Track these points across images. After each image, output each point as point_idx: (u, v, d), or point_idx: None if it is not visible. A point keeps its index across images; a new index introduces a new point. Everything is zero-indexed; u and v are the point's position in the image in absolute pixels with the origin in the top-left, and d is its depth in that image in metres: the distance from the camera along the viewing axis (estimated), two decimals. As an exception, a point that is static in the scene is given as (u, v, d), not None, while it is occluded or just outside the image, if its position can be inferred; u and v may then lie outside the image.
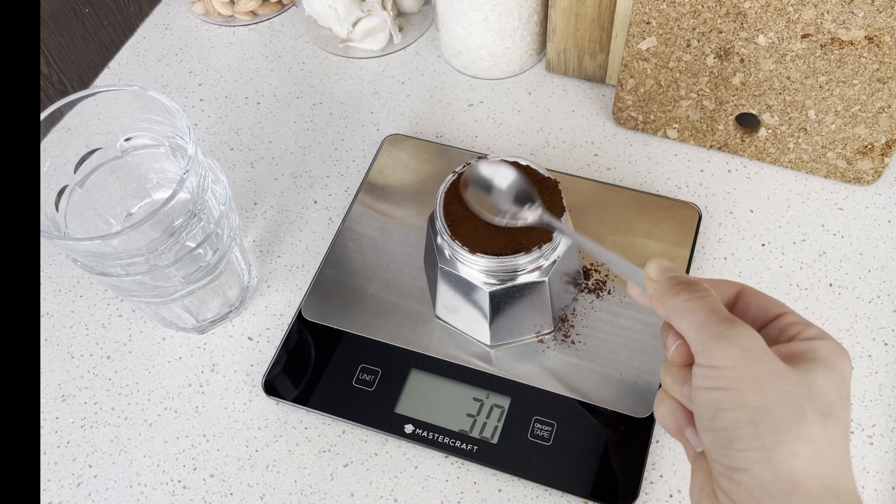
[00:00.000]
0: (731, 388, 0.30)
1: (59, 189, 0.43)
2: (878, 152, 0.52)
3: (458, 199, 0.44)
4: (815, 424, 0.29)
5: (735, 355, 0.30)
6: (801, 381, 0.29)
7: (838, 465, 0.29)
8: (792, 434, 0.28)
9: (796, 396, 0.29)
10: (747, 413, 0.29)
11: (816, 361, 0.30)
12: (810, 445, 0.28)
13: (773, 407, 0.29)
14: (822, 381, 0.30)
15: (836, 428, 0.29)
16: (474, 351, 0.47)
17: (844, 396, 0.30)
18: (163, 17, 0.70)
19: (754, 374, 0.29)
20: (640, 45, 0.52)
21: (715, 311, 0.31)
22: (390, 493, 0.44)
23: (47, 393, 0.49)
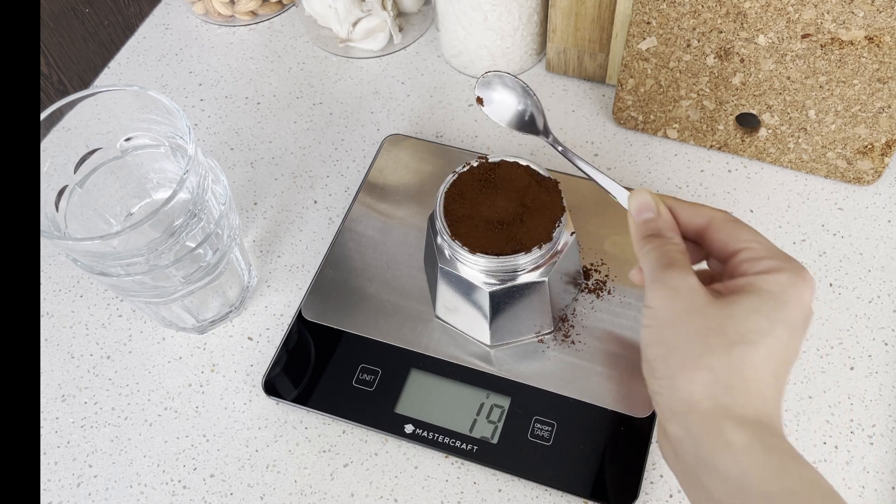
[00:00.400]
0: (655, 326, 0.35)
1: (59, 189, 0.43)
2: (878, 152, 0.52)
3: (459, 199, 0.44)
4: (717, 354, 0.32)
5: (662, 295, 0.35)
6: (717, 313, 0.33)
7: (740, 386, 0.32)
8: (692, 364, 0.33)
9: (705, 330, 0.33)
10: (662, 348, 0.34)
11: (750, 293, 0.34)
12: (709, 373, 0.32)
13: (682, 341, 0.33)
14: (746, 312, 0.33)
15: (747, 355, 0.32)
16: (474, 351, 0.47)
17: (779, 324, 0.33)
18: (163, 17, 0.70)
19: (673, 313, 0.34)
20: (640, 45, 0.52)
21: (662, 257, 0.36)
22: (390, 493, 0.44)
23: (47, 393, 0.49)
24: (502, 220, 0.43)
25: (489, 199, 0.44)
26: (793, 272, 0.34)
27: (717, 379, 0.32)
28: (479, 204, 0.43)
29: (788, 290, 0.34)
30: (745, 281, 0.35)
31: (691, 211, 0.38)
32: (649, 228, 0.38)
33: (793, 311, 0.34)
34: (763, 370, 0.33)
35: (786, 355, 0.34)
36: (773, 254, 0.35)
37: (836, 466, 0.44)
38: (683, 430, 0.33)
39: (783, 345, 0.33)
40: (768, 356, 0.33)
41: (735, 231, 0.36)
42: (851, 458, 0.44)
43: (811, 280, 0.35)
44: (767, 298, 0.34)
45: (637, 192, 0.39)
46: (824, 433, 0.45)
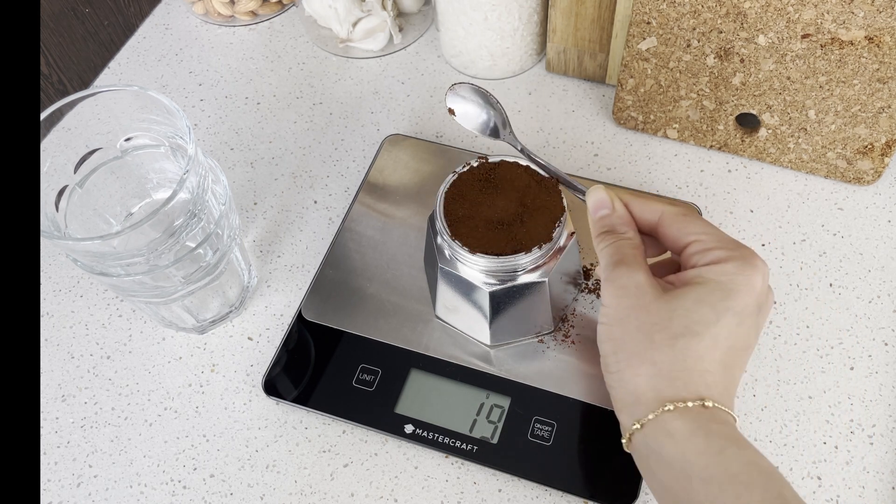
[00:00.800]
0: (607, 323, 0.36)
1: (59, 189, 0.43)
2: (878, 152, 0.52)
3: (459, 199, 0.44)
4: (660, 348, 0.34)
5: (612, 293, 0.36)
6: (663, 308, 0.35)
7: (682, 377, 0.34)
8: (637, 359, 0.34)
9: (650, 325, 0.34)
10: (612, 344, 0.36)
11: (697, 285, 0.35)
12: (652, 366, 0.34)
13: (629, 337, 0.35)
14: (691, 304, 0.34)
15: (691, 346, 0.34)
16: (474, 351, 0.47)
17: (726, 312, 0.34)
18: (163, 17, 0.70)
19: (622, 310, 0.36)
20: (640, 45, 0.52)
21: (614, 254, 0.37)
22: (390, 493, 0.44)
23: (47, 393, 0.49)
24: (502, 220, 0.43)
25: (489, 199, 0.44)
26: (741, 260, 0.35)
27: (660, 371, 0.34)
28: (479, 204, 0.43)
29: (737, 279, 0.35)
30: (695, 272, 0.36)
31: (643, 206, 0.39)
32: (604, 225, 0.39)
33: (742, 298, 0.35)
34: (708, 359, 0.34)
35: (735, 342, 0.35)
36: (723, 244, 0.36)
37: (836, 466, 0.44)
38: (632, 421, 0.35)
39: (731, 332, 0.34)
40: (713, 345, 0.34)
41: (685, 224, 0.37)
42: (851, 458, 0.44)
43: (762, 266, 0.36)
44: (714, 288, 0.35)
45: (593, 188, 0.40)
46: (824, 433, 0.45)
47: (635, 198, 0.40)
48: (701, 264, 0.36)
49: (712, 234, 0.37)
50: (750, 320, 0.35)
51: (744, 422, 0.45)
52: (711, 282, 0.35)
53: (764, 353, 0.47)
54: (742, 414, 0.45)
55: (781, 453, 0.44)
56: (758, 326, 0.36)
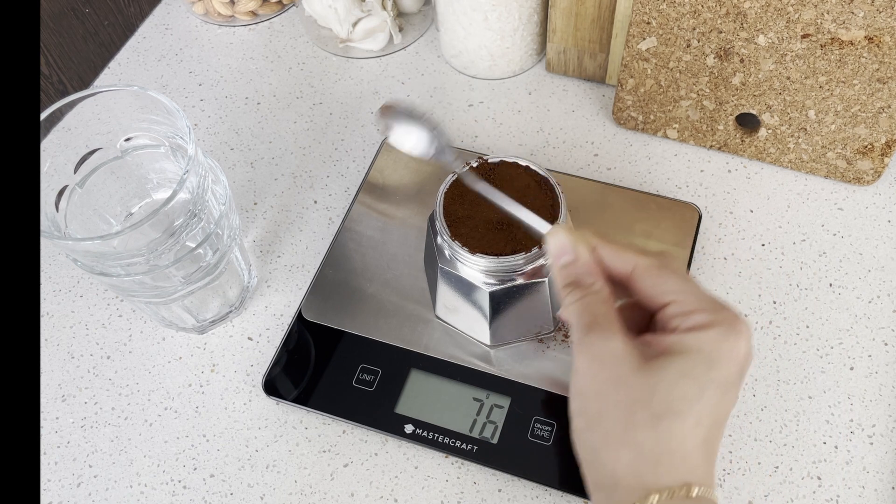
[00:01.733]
0: (579, 395, 0.33)
1: (59, 189, 0.43)
2: (878, 152, 0.52)
3: (459, 200, 0.44)
4: (642, 429, 0.31)
5: (585, 363, 0.33)
6: (642, 383, 0.31)
7: (666, 460, 0.31)
8: (616, 439, 0.31)
9: (630, 403, 0.31)
10: (586, 419, 0.33)
11: (678, 355, 0.32)
12: (633, 449, 0.31)
13: (606, 415, 0.32)
14: (673, 378, 0.31)
15: (675, 427, 0.31)
16: (474, 351, 0.47)
17: (709, 386, 0.31)
18: (163, 17, 0.70)
19: (597, 383, 0.32)
20: (640, 46, 0.52)
21: (583, 313, 0.34)
22: (390, 493, 0.44)
23: (47, 393, 0.49)
24: (502, 220, 0.43)
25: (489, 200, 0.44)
26: (725, 326, 0.32)
27: (642, 455, 0.31)
28: (478, 204, 0.43)
29: (720, 347, 0.32)
30: (675, 339, 0.32)
31: (614, 255, 0.35)
32: (568, 275, 0.35)
33: (725, 368, 0.32)
34: (691, 439, 0.31)
35: (718, 416, 0.32)
36: (704, 305, 0.33)
37: (836, 466, 0.44)
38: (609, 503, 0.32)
39: (714, 407, 0.32)
40: (697, 425, 0.31)
41: (662, 281, 0.34)
42: (851, 458, 0.44)
43: (746, 330, 0.33)
44: (697, 359, 0.32)
45: (554, 230, 0.36)
46: (824, 433, 0.45)
47: (605, 244, 0.35)
48: (682, 329, 0.33)
49: (692, 292, 0.34)
50: (733, 390, 0.33)
51: (744, 422, 0.45)
52: (694, 351, 0.32)
53: (764, 353, 0.47)
54: (742, 414, 0.45)
55: (781, 453, 0.44)
56: (738, 393, 0.34)
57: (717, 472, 0.44)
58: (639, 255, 0.35)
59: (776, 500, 0.43)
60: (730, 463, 0.44)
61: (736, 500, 0.43)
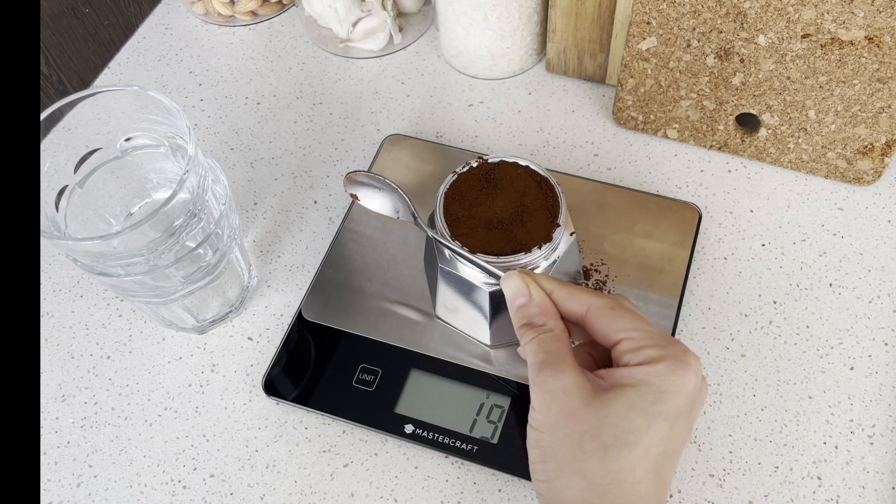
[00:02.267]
0: (535, 428, 0.34)
1: (59, 189, 0.43)
2: (878, 152, 0.52)
3: (459, 199, 0.44)
4: (590, 459, 0.32)
5: (538, 399, 0.34)
6: (592, 416, 0.33)
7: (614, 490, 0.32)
8: (567, 469, 0.33)
9: (580, 434, 0.33)
10: (540, 451, 0.34)
11: (627, 388, 0.33)
12: (582, 479, 0.32)
13: (558, 446, 0.33)
14: (622, 411, 0.33)
15: (623, 457, 0.32)
16: (474, 351, 0.47)
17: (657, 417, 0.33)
18: (163, 17, 0.70)
19: (551, 417, 0.34)
20: (640, 45, 0.52)
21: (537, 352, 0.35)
22: (390, 493, 0.44)
23: (47, 393, 0.49)
24: (502, 220, 0.43)
25: (489, 200, 0.44)
26: (673, 360, 0.34)
27: (591, 485, 0.32)
28: (478, 204, 0.43)
29: (668, 380, 0.33)
30: (626, 372, 0.34)
31: (568, 297, 0.37)
32: (523, 316, 0.37)
33: (673, 400, 0.33)
34: (640, 469, 0.33)
35: (667, 447, 0.33)
36: (654, 340, 0.34)
37: (836, 466, 0.44)
38: None
39: (662, 439, 0.33)
40: (645, 455, 0.33)
41: (613, 320, 0.35)
42: (851, 458, 0.44)
43: (695, 363, 0.34)
44: (645, 392, 0.33)
45: (509, 276, 0.38)
46: (824, 433, 0.45)
47: (559, 287, 0.37)
48: (633, 364, 0.34)
49: (643, 329, 0.35)
50: (682, 422, 0.34)
51: (743, 422, 0.45)
52: (642, 384, 0.33)
53: (764, 353, 0.48)
54: (742, 414, 0.45)
55: (781, 453, 0.44)
56: (690, 425, 0.35)
57: (718, 472, 0.44)
58: (591, 295, 0.36)
59: (776, 500, 0.43)
60: (730, 463, 0.44)
61: (736, 500, 0.43)
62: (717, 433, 0.45)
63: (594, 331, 0.36)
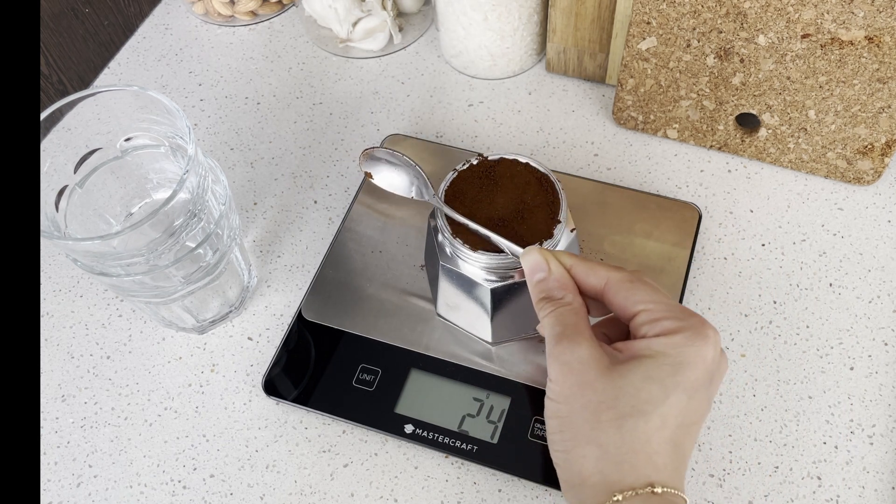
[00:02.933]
0: (552, 399, 0.35)
1: (59, 189, 0.43)
2: (878, 152, 0.52)
3: (459, 197, 0.44)
4: (606, 429, 0.33)
5: (556, 370, 0.35)
6: (609, 386, 0.33)
7: (629, 460, 0.32)
8: (583, 439, 0.33)
9: (596, 404, 0.33)
10: (559, 422, 0.34)
11: (645, 359, 0.33)
12: (598, 448, 0.33)
13: (574, 416, 0.33)
14: (639, 381, 0.33)
15: (640, 427, 0.32)
16: (475, 349, 0.47)
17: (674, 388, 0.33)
18: (163, 17, 0.70)
19: (567, 387, 0.34)
20: (640, 45, 0.52)
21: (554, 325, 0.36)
22: (390, 493, 0.44)
23: (47, 393, 0.49)
24: (503, 217, 0.43)
25: (489, 197, 0.44)
26: (691, 330, 0.34)
27: (607, 454, 0.33)
28: (479, 202, 0.43)
29: (686, 351, 0.33)
30: (643, 344, 0.34)
31: (587, 271, 0.37)
32: (541, 290, 0.37)
33: (691, 372, 0.33)
34: (657, 439, 0.33)
35: (685, 419, 0.33)
36: (672, 313, 0.34)
37: (836, 466, 0.44)
38: (577, 502, 0.34)
39: (680, 410, 0.33)
40: (662, 426, 0.33)
41: (632, 292, 0.36)
42: (851, 458, 0.44)
43: (714, 335, 0.34)
44: (663, 362, 0.33)
45: (527, 251, 0.39)
46: (824, 433, 0.45)
47: (579, 262, 0.37)
48: (650, 335, 0.34)
49: (661, 302, 0.35)
50: (701, 394, 0.34)
51: (743, 422, 0.45)
52: (660, 355, 0.33)
53: (764, 353, 0.48)
54: (742, 414, 0.45)
55: (781, 453, 0.44)
56: (709, 398, 0.35)
57: (718, 472, 0.44)
58: (610, 269, 0.37)
59: (776, 500, 0.43)
60: (730, 463, 0.44)
61: (736, 500, 0.43)
62: (717, 433, 0.45)
63: (612, 304, 0.36)
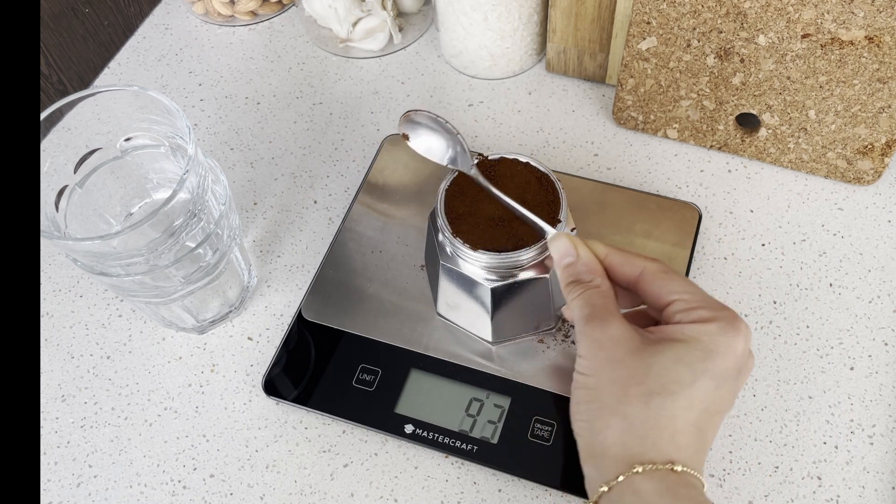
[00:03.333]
0: (581, 373, 0.36)
1: (59, 189, 0.43)
2: (878, 152, 0.52)
3: (460, 196, 0.44)
4: (634, 403, 0.33)
5: (587, 346, 0.36)
6: (639, 363, 0.34)
7: (653, 436, 0.33)
8: (609, 410, 0.34)
9: (624, 379, 0.34)
10: (586, 392, 0.35)
11: (676, 342, 0.34)
12: (623, 420, 0.33)
13: (602, 389, 0.35)
14: (669, 362, 0.34)
15: (666, 405, 0.33)
16: (475, 349, 0.47)
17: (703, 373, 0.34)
18: (163, 17, 0.70)
19: (597, 362, 0.35)
20: (640, 45, 0.52)
21: (584, 306, 0.37)
22: (390, 493, 0.44)
23: (47, 393, 0.49)
24: (503, 216, 0.43)
25: (490, 197, 0.44)
26: (725, 321, 0.35)
27: (632, 427, 0.33)
28: (479, 201, 0.43)
29: (717, 340, 0.34)
30: (676, 328, 0.35)
31: (623, 260, 0.38)
32: (570, 274, 0.38)
33: (721, 361, 0.34)
34: (681, 420, 0.33)
35: (711, 406, 0.34)
36: (707, 304, 0.36)
37: (836, 466, 0.44)
38: (597, 472, 0.34)
39: (707, 395, 0.34)
40: (688, 407, 0.33)
41: (667, 283, 0.37)
42: (851, 458, 0.44)
43: (745, 330, 0.35)
44: (694, 347, 0.34)
45: (556, 236, 0.40)
46: (824, 433, 0.45)
47: (615, 251, 0.39)
48: (682, 321, 0.35)
49: (696, 293, 0.36)
50: (728, 384, 0.35)
51: (744, 422, 0.45)
52: (692, 340, 0.34)
53: (764, 353, 0.47)
54: (742, 414, 0.45)
55: (781, 453, 0.44)
56: (735, 390, 0.36)
57: (718, 472, 0.44)
58: (646, 259, 0.38)
59: (776, 500, 0.43)
60: (730, 463, 0.44)
61: (736, 500, 0.43)
62: (718, 433, 0.45)
63: (646, 293, 0.37)
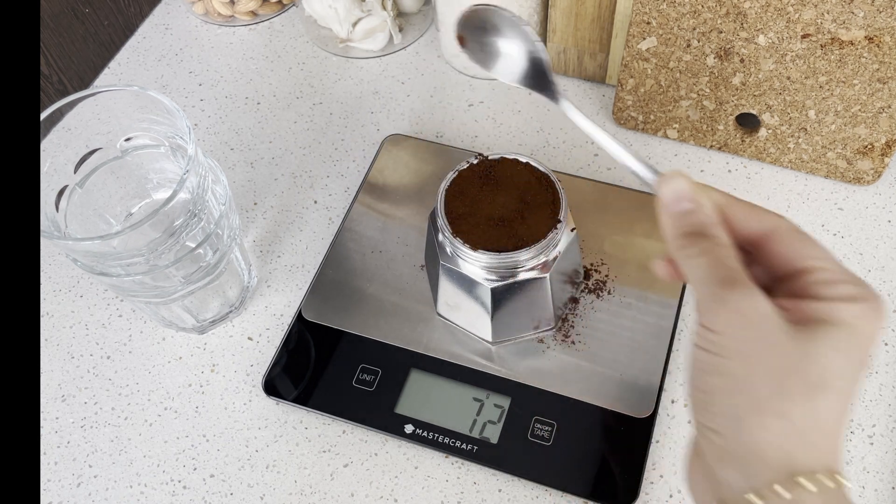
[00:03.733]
0: (718, 354, 0.29)
1: (59, 189, 0.43)
2: (878, 152, 0.52)
3: (460, 196, 0.44)
4: (796, 400, 0.28)
5: (729, 321, 0.29)
6: (796, 350, 0.28)
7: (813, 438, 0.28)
8: (767, 408, 0.28)
9: (784, 369, 0.28)
10: (726, 381, 0.29)
11: (830, 326, 0.29)
12: (786, 421, 0.28)
13: (755, 379, 0.28)
14: (827, 350, 0.28)
15: (827, 403, 0.28)
16: (475, 348, 0.47)
17: (856, 364, 0.29)
18: (163, 17, 0.70)
19: (744, 344, 0.29)
20: (640, 45, 0.52)
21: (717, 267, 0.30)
22: (390, 493, 0.44)
23: (47, 393, 0.49)
24: (503, 216, 0.43)
25: (490, 196, 0.44)
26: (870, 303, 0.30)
27: (795, 429, 0.28)
28: (479, 201, 0.43)
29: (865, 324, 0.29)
30: (823, 308, 0.29)
31: (750, 214, 0.32)
32: (689, 224, 0.31)
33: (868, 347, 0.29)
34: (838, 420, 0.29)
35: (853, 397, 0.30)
36: (851, 278, 0.30)
37: (837, 466, 0.44)
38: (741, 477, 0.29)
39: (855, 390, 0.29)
40: (840, 401, 0.29)
41: (804, 245, 0.31)
42: (851, 458, 0.44)
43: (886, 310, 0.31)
44: (848, 333, 0.29)
45: (670, 175, 0.32)
46: (824, 433, 0.45)
47: (736, 200, 0.32)
48: (829, 297, 0.30)
49: (835, 262, 0.31)
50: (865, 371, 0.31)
51: (744, 422, 0.45)
52: (846, 326, 0.29)
53: (764, 353, 0.47)
54: (742, 414, 0.45)
55: (781, 453, 0.44)
56: None
57: (718, 472, 0.44)
58: (778, 217, 0.32)
59: (776, 499, 0.43)
60: (730, 463, 0.44)
61: (736, 499, 0.43)
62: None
63: (776, 254, 0.31)
